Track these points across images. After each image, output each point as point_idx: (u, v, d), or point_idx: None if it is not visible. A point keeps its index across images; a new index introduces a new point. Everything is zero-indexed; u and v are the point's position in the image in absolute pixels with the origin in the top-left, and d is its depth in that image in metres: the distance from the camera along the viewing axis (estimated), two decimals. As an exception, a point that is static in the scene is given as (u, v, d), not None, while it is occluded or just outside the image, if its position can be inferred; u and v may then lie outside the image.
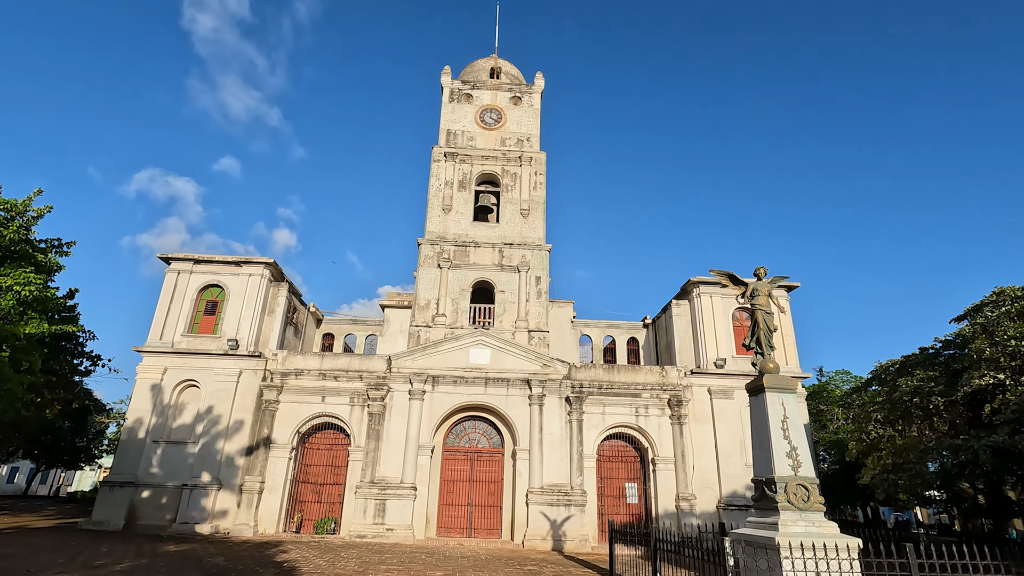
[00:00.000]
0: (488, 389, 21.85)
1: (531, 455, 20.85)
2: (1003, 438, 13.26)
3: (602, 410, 21.98)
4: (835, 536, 7.63)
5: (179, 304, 22.51)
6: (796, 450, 8.35)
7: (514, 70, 30.50)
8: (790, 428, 8.60)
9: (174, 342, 21.95)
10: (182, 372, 21.62)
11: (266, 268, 23.28)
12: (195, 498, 19.65)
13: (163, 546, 15.74)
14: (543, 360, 22.28)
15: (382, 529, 19.41)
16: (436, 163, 26.28)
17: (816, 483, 8.34)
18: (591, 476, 21.26)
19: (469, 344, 22.41)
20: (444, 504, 21.31)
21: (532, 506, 20.04)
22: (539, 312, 23.88)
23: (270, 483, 20.38)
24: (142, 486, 20.06)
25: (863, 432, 18.12)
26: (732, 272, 10.26)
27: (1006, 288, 15.78)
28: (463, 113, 27.78)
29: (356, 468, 20.68)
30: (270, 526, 19.94)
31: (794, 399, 9.01)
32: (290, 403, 21.42)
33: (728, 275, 10.21)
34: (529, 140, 27.41)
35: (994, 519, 28.12)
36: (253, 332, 22.33)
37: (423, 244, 24.66)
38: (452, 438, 22.45)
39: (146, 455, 20.49)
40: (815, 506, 8.10)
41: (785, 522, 7.83)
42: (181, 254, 23.07)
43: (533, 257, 24.72)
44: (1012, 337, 13.53)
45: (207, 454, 20.40)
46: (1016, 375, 13.85)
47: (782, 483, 8.16)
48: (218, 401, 21.16)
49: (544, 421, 21.37)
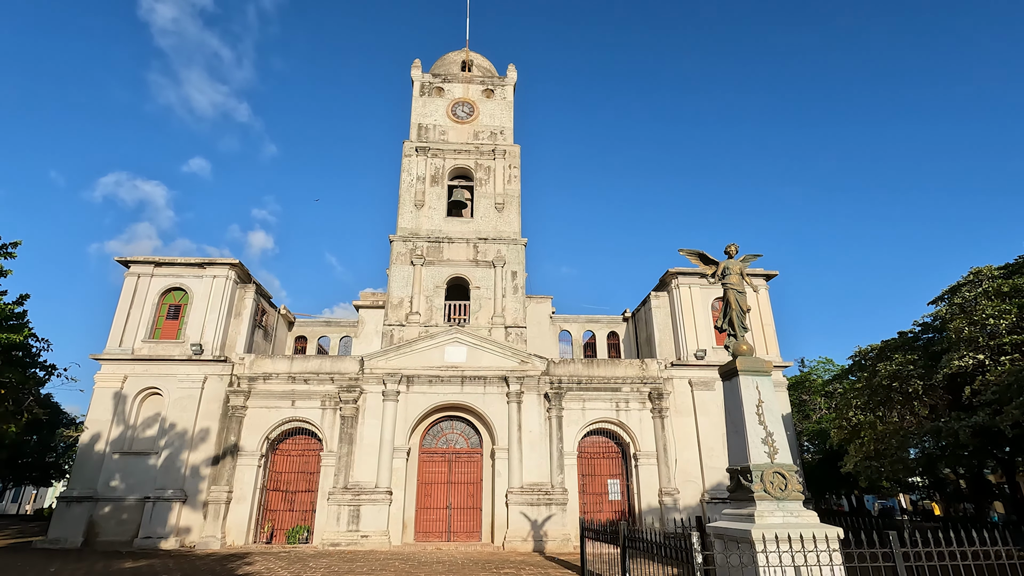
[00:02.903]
0: (465, 388, 21.23)
1: (510, 454, 20.28)
2: (984, 418, 13.00)
3: (582, 406, 21.49)
4: (814, 526, 7.17)
5: (139, 309, 21.54)
6: (772, 436, 7.88)
7: (486, 63, 29.95)
8: (765, 413, 8.12)
9: (134, 349, 20.98)
10: (143, 380, 20.67)
11: (231, 269, 22.40)
12: (158, 511, 18.73)
13: (119, 563, 14.86)
14: (520, 356, 21.73)
15: (356, 536, 18.69)
16: (407, 158, 25.60)
17: (795, 470, 7.86)
18: (572, 474, 20.75)
19: (444, 342, 21.78)
20: (422, 508, 20.63)
21: (512, 507, 19.47)
22: (516, 308, 23.33)
23: (238, 493, 19.53)
24: (102, 500, 19.08)
25: (843, 419, 17.87)
26: (703, 251, 9.80)
27: (983, 268, 15.59)
28: (434, 107, 27.14)
29: (329, 474, 19.93)
30: (239, 538, 19.08)
31: (769, 382, 8.55)
32: (258, 408, 20.57)
33: (698, 254, 9.74)
34: (502, 133, 26.86)
35: (976, 503, 28.20)
36: (218, 336, 21.44)
37: (395, 241, 23.97)
38: (429, 439, 21.79)
39: (106, 468, 19.51)
40: (793, 495, 7.62)
41: (761, 513, 7.34)
42: (141, 257, 22.10)
43: (508, 252, 24.16)
44: (990, 316, 13.31)
45: (171, 465, 19.48)
46: (995, 355, 13.65)
47: (758, 471, 7.67)
48: (182, 409, 20.25)
49: (523, 419, 20.81)
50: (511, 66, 28.39)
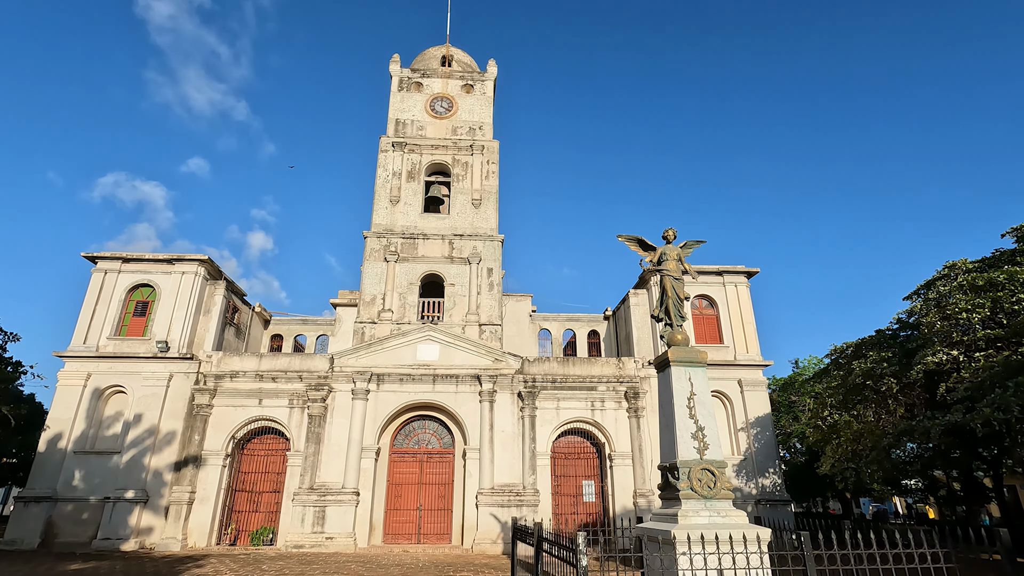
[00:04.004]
0: (436, 386, 20.78)
1: (481, 454, 19.82)
2: (957, 417, 12.47)
3: (556, 405, 21.01)
4: (743, 527, 6.68)
5: (105, 306, 21.14)
6: (703, 430, 7.38)
7: (467, 58, 29.56)
8: (697, 406, 7.62)
9: (99, 346, 20.58)
10: (108, 377, 20.27)
11: (200, 265, 22.00)
12: (118, 512, 18.30)
13: (66, 565, 14.43)
14: (494, 355, 21.27)
15: (321, 538, 18.23)
16: (383, 153, 25.20)
17: (725, 467, 7.35)
18: (545, 474, 20.25)
19: (416, 340, 21.33)
20: (391, 509, 20.16)
21: (482, 508, 19.00)
22: (491, 305, 22.87)
23: (202, 493, 19.08)
24: (62, 501, 18.65)
25: (819, 419, 17.35)
26: (641, 237, 9.32)
27: (958, 261, 15.05)
28: (413, 102, 26.76)
29: (295, 474, 19.46)
30: (201, 539, 18.62)
31: (703, 373, 8.05)
32: (225, 407, 20.13)
33: (637, 240, 9.27)
34: (481, 128, 26.45)
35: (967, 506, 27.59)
36: (186, 333, 21.02)
37: (369, 237, 23.56)
38: (401, 439, 21.33)
39: (67, 467, 19.09)
40: (722, 493, 7.12)
41: (686, 512, 6.86)
42: (108, 253, 21.71)
43: (485, 248, 23.72)
44: (963, 310, 12.79)
45: (133, 464, 19.06)
46: (969, 351, 13.14)
47: (685, 468, 7.18)
48: (146, 408, 19.83)
49: (495, 418, 20.35)
50: (491, 61, 28.01)
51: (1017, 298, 12.14)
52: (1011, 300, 12.21)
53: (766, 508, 19.89)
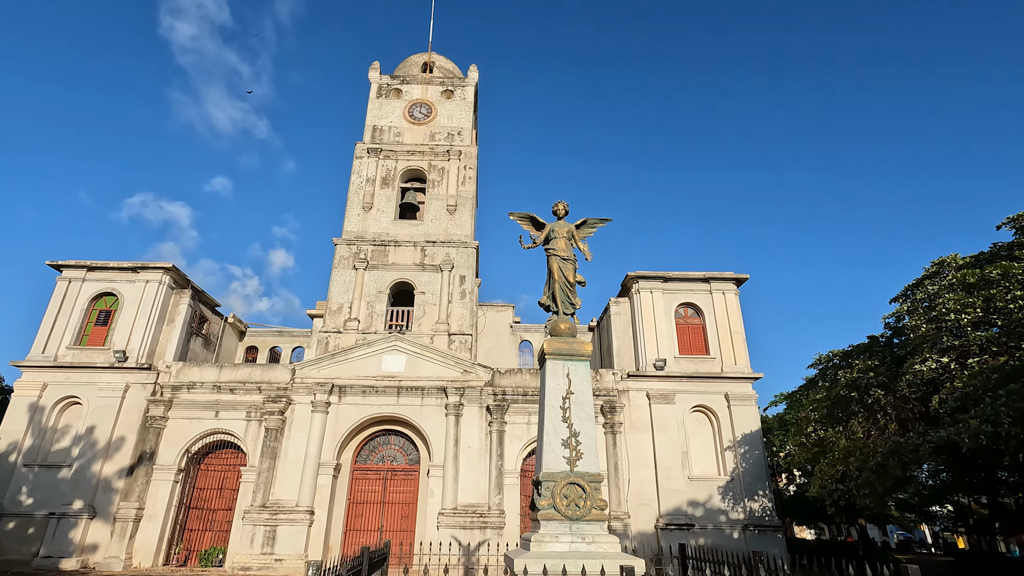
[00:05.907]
0: (401, 399, 19.71)
1: (445, 472, 18.60)
2: (950, 433, 10.87)
3: (527, 419, 19.70)
4: (612, 556, 5.39)
5: (67, 314, 20.69)
6: (577, 436, 6.11)
7: (449, 64, 29.05)
8: (573, 407, 6.34)
9: (57, 355, 20.08)
10: (64, 388, 19.69)
11: (165, 274, 21.48)
12: (62, 528, 17.51)
13: (-16, 585, 13.60)
14: (463, 365, 20.15)
15: (270, 560, 17.13)
16: (358, 160, 24.59)
17: (600, 481, 6.04)
18: (513, 494, 18.91)
19: (382, 350, 20.35)
20: (351, 530, 19.00)
21: (443, 529, 17.71)
22: (462, 314, 21.81)
23: (151, 510, 18.19)
24: (7, 516, 17.93)
25: (803, 435, 15.73)
26: (534, 215, 8.20)
27: (947, 257, 13.39)
28: (391, 108, 26.20)
29: (248, 491, 18.48)
30: (147, 559, 17.66)
31: (584, 368, 6.79)
32: (179, 419, 19.33)
33: (529, 218, 8.13)
34: (460, 134, 25.71)
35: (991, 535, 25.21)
36: (146, 343, 20.41)
37: (339, 244, 22.81)
38: (364, 455, 20.24)
39: (16, 481, 18.42)
40: (592, 514, 5.81)
41: (543, 537, 5.58)
42: (73, 261, 21.36)
43: (458, 255, 22.76)
44: (951, 311, 11.25)
45: (81, 478, 18.32)
46: (962, 357, 11.59)
47: (550, 483, 5.91)
48: (100, 419, 19.15)
49: (461, 433, 19.16)
50: (473, 66, 27.39)
51: (1012, 295, 10.57)
52: (1005, 298, 10.65)
53: (754, 535, 18.16)
